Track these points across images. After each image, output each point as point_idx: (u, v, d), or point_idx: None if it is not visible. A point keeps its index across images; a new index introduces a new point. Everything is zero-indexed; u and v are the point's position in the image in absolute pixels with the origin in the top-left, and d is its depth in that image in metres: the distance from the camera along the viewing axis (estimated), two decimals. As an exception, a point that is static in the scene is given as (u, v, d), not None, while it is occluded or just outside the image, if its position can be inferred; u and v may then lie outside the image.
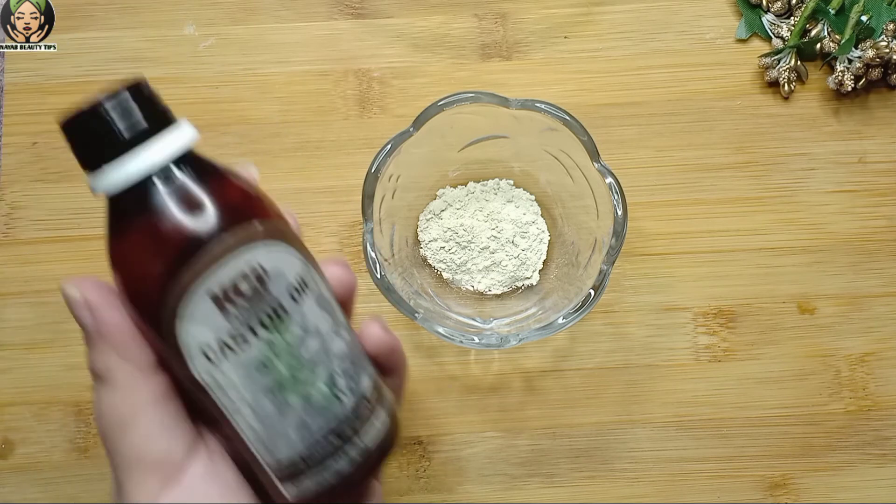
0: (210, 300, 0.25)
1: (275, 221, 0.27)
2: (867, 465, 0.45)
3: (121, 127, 0.25)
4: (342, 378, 0.27)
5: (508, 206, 0.45)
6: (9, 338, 0.45)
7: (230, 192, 0.26)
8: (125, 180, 0.25)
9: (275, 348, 0.26)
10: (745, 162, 0.47)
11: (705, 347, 0.46)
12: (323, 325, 0.27)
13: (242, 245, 0.25)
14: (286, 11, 0.49)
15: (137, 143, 0.25)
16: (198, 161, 0.26)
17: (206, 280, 0.25)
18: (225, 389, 0.26)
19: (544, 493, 0.44)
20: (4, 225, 0.46)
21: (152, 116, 0.25)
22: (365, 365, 0.29)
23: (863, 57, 0.46)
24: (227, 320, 0.25)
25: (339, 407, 0.27)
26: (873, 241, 0.47)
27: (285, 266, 0.26)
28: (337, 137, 0.48)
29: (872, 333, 0.46)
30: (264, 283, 0.26)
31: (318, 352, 0.27)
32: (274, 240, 0.26)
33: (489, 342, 0.39)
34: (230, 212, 0.25)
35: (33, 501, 0.44)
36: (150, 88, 0.26)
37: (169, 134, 0.25)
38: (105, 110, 0.25)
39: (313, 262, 0.28)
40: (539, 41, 0.49)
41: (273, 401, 0.26)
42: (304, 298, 0.27)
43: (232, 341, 0.25)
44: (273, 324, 0.26)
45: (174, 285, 0.25)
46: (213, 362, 0.25)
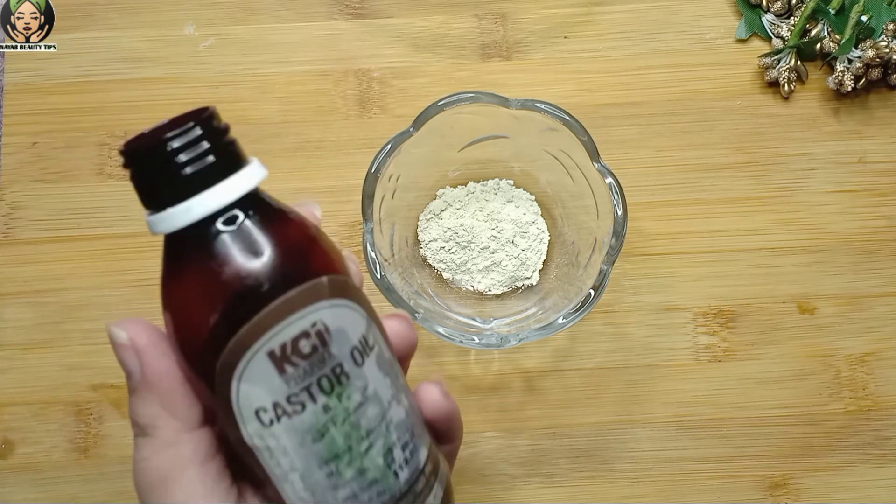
0: (269, 360, 0.23)
1: (342, 277, 0.25)
2: (867, 465, 0.45)
3: (185, 166, 0.22)
4: (400, 450, 0.25)
5: (508, 206, 0.45)
6: (9, 338, 0.45)
7: (298, 243, 0.24)
8: (184, 220, 0.23)
9: (332, 415, 0.24)
10: (745, 162, 0.47)
11: (705, 347, 0.46)
12: (383, 390, 0.25)
13: (308, 304, 0.23)
14: (286, 11, 0.49)
15: (203, 184, 0.23)
16: (266, 205, 0.24)
17: (267, 339, 0.23)
18: (275, 455, 0.24)
19: (544, 493, 0.44)
20: (4, 225, 0.46)
21: (221, 156, 0.23)
22: (423, 434, 0.27)
23: (863, 57, 0.46)
24: (286, 382, 0.23)
25: (394, 482, 0.25)
26: (873, 241, 0.47)
27: (349, 325, 0.24)
28: (337, 137, 0.48)
29: (872, 333, 0.46)
30: (327, 344, 0.24)
31: (377, 420, 0.25)
32: (340, 297, 0.24)
33: (489, 342, 0.39)
34: (298, 266, 0.23)
35: (33, 501, 0.44)
36: (219, 123, 0.24)
37: (237, 174, 0.23)
38: (172, 147, 0.22)
39: (376, 318, 0.26)
40: (539, 41, 0.49)
41: (326, 471, 0.24)
42: (366, 361, 0.25)
43: (288, 405, 0.23)
44: (333, 388, 0.24)
45: (232, 341, 0.23)
46: (266, 426, 0.23)
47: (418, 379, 0.45)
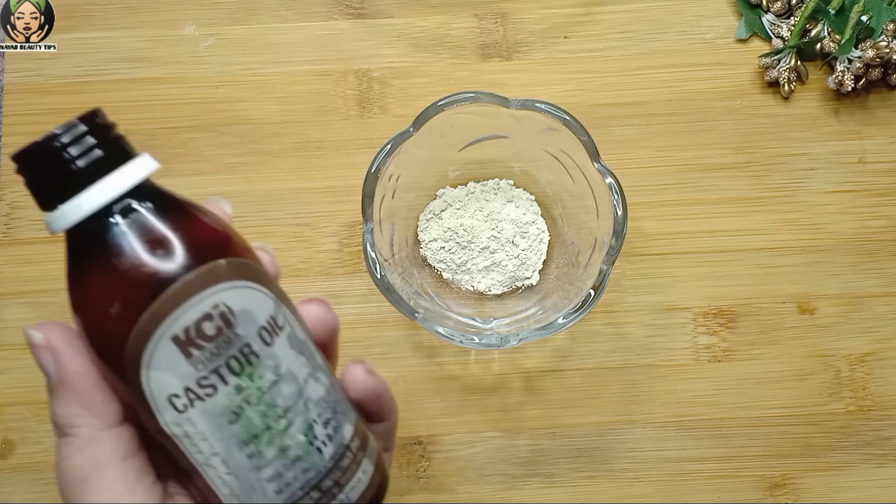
0: (174, 345, 0.23)
1: (243, 260, 0.25)
2: (867, 465, 0.45)
3: (72, 162, 0.23)
4: (321, 426, 0.25)
5: (508, 206, 0.45)
6: (9, 338, 0.45)
7: (193, 228, 0.24)
8: (77, 215, 0.23)
9: (246, 395, 0.24)
10: (745, 162, 0.47)
11: (705, 347, 0.46)
12: (298, 368, 0.25)
13: (207, 286, 0.23)
14: (286, 11, 0.49)
15: (91, 178, 0.23)
16: (160, 196, 0.25)
17: (169, 323, 0.23)
18: (195, 441, 0.24)
19: (544, 493, 0.44)
20: (4, 225, 0.46)
21: (107, 149, 0.24)
22: (347, 411, 0.27)
23: (863, 57, 0.46)
24: (194, 366, 0.23)
25: (318, 458, 0.25)
26: (873, 241, 0.47)
27: (254, 306, 0.24)
28: (337, 137, 0.48)
29: (872, 333, 0.46)
30: (231, 325, 0.24)
31: (294, 398, 0.25)
32: (241, 279, 0.24)
33: (489, 342, 0.39)
34: (193, 250, 0.24)
35: (33, 501, 0.44)
36: (104, 119, 0.24)
37: (125, 167, 0.24)
38: (56, 145, 0.23)
39: (287, 301, 0.27)
40: (539, 41, 0.49)
41: (246, 452, 0.24)
42: (276, 340, 0.25)
43: (200, 389, 0.23)
44: (242, 368, 0.24)
45: (135, 329, 0.23)
46: (181, 412, 0.24)
47: (418, 378, 0.46)
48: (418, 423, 0.45)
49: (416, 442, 0.45)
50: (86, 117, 0.24)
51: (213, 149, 0.47)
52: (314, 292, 0.46)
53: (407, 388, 0.45)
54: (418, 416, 0.45)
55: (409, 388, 0.45)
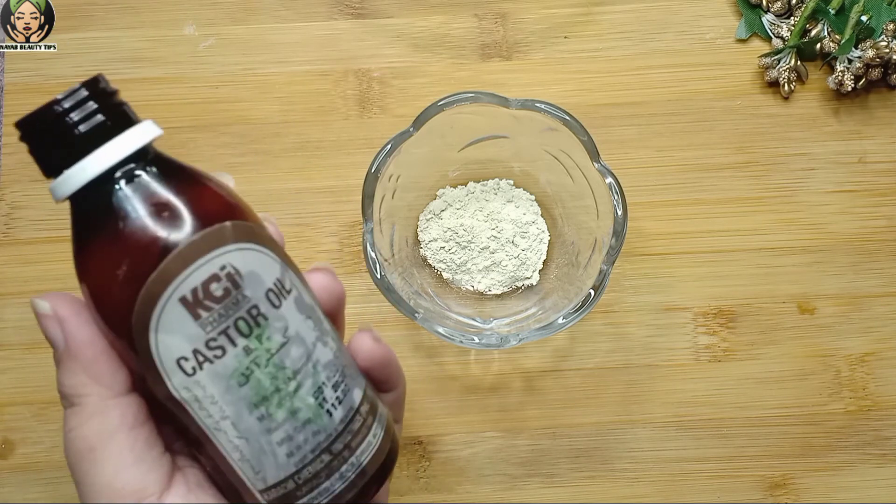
0: (182, 307, 0.23)
1: (248, 224, 0.25)
2: (867, 465, 0.45)
3: (74, 127, 0.23)
4: (330, 389, 0.25)
5: (508, 206, 0.45)
6: (9, 338, 0.45)
7: (199, 193, 0.24)
8: (81, 180, 0.23)
9: (254, 357, 0.24)
10: (745, 162, 0.47)
11: (705, 347, 0.46)
12: (306, 332, 0.25)
13: (214, 247, 0.23)
14: (286, 11, 0.49)
15: (94, 143, 0.23)
16: (164, 162, 0.25)
17: (177, 285, 0.23)
18: (205, 405, 0.24)
19: (544, 493, 0.44)
20: (4, 225, 0.46)
21: (109, 115, 0.24)
22: (356, 376, 0.27)
23: (863, 57, 0.46)
24: (202, 328, 0.23)
25: (328, 421, 0.25)
26: (873, 241, 0.47)
27: (261, 269, 0.24)
28: (337, 137, 0.48)
29: (872, 333, 0.46)
30: (238, 286, 0.24)
31: (303, 360, 0.25)
32: (248, 241, 0.24)
33: (489, 342, 0.39)
34: (199, 213, 0.24)
35: (33, 501, 0.44)
36: (106, 85, 0.24)
37: (128, 132, 0.24)
38: (58, 110, 0.23)
39: (294, 267, 0.27)
40: (539, 41, 0.49)
41: (256, 415, 0.24)
42: (283, 303, 0.25)
43: (208, 350, 0.23)
44: (251, 330, 0.24)
45: (143, 293, 0.23)
46: (190, 375, 0.24)
47: (418, 378, 0.46)
48: (418, 423, 0.45)
49: (416, 442, 0.45)
50: (88, 83, 0.24)
51: (213, 149, 0.47)
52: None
53: (407, 388, 0.45)
54: (418, 416, 0.45)
55: (409, 388, 0.45)
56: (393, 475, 0.44)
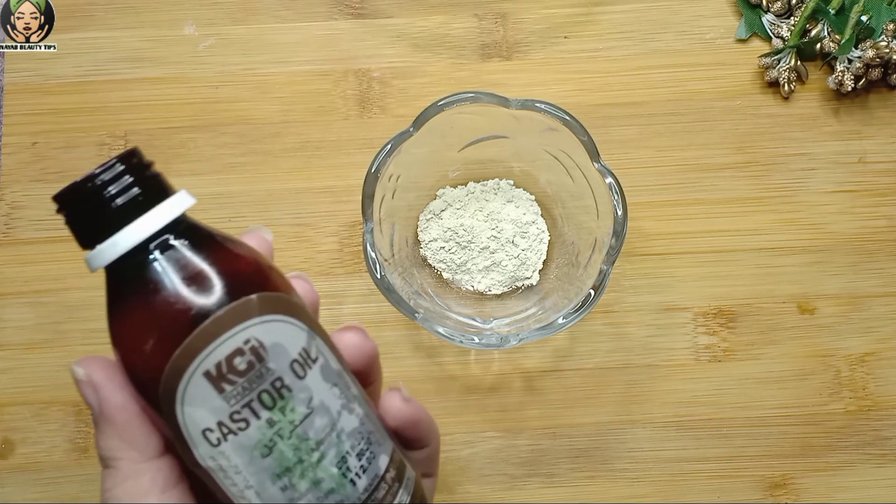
0: (206, 380, 0.24)
1: (275, 294, 0.25)
2: (867, 465, 0.45)
3: (109, 201, 0.24)
4: (355, 458, 0.26)
5: (508, 206, 0.45)
6: (9, 338, 0.45)
7: (226, 264, 0.25)
8: (114, 253, 0.24)
9: (278, 429, 0.24)
10: (745, 162, 0.47)
11: (705, 347, 0.46)
12: (332, 400, 0.25)
13: (238, 322, 0.24)
14: (286, 11, 0.49)
15: (127, 217, 0.24)
16: (195, 232, 0.25)
17: (201, 359, 0.23)
18: (230, 475, 0.24)
19: (544, 493, 0.44)
20: (4, 225, 0.46)
21: (143, 188, 0.24)
22: (383, 441, 0.27)
23: (863, 57, 0.46)
24: (226, 401, 0.24)
25: (352, 490, 0.25)
26: (873, 241, 0.47)
27: (286, 340, 0.25)
28: (337, 137, 0.48)
29: (872, 333, 0.46)
30: (263, 359, 0.24)
31: (327, 430, 0.25)
32: (273, 314, 0.25)
33: (489, 342, 0.39)
34: (225, 286, 0.24)
35: (33, 501, 0.44)
36: (140, 159, 0.25)
37: (161, 205, 0.24)
38: (94, 185, 0.24)
39: (321, 332, 0.27)
40: (539, 41, 0.49)
41: (280, 485, 0.24)
42: (308, 373, 0.25)
43: (232, 423, 0.24)
44: (275, 402, 0.24)
45: (169, 365, 0.23)
46: (215, 445, 0.24)
47: (418, 378, 0.46)
48: (418, 423, 0.45)
49: (416, 442, 0.45)
50: (124, 157, 0.24)
51: (213, 149, 0.47)
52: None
53: (407, 388, 0.45)
54: (418, 416, 0.45)
55: (409, 388, 0.45)
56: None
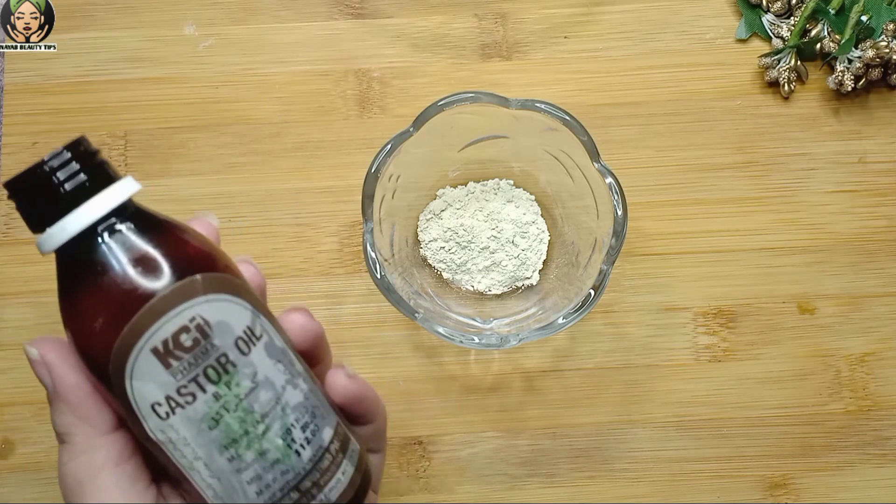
0: (154, 356, 0.25)
1: (219, 274, 0.26)
2: (867, 465, 0.45)
3: (57, 187, 0.25)
4: (299, 430, 0.27)
5: (508, 206, 0.45)
6: (9, 338, 0.45)
7: (171, 246, 0.26)
8: (63, 237, 0.25)
9: (223, 402, 0.25)
10: (745, 162, 0.47)
11: (705, 347, 0.46)
12: (276, 376, 0.27)
13: (183, 300, 0.25)
14: (286, 11, 0.49)
15: (75, 201, 0.25)
16: (141, 216, 0.26)
17: (148, 337, 0.24)
18: (179, 447, 0.26)
19: (544, 493, 0.44)
20: (4, 225, 0.46)
21: (90, 174, 0.25)
22: (327, 415, 0.28)
23: (863, 57, 0.46)
24: (173, 375, 0.25)
25: (297, 461, 0.26)
26: (873, 241, 0.47)
27: (231, 318, 0.26)
28: (337, 137, 0.48)
29: (872, 333, 0.46)
30: (208, 336, 0.25)
31: (271, 404, 0.26)
32: (217, 293, 0.26)
33: (489, 342, 0.39)
34: (170, 267, 0.25)
35: (33, 501, 0.44)
36: (87, 146, 0.26)
37: (107, 190, 0.25)
38: (43, 171, 0.25)
39: (266, 311, 0.28)
40: (539, 41, 0.49)
41: (227, 456, 0.26)
42: (253, 349, 0.26)
43: (180, 397, 0.25)
44: (220, 377, 0.25)
45: (118, 343, 0.24)
46: (164, 419, 0.25)
47: (418, 378, 0.46)
48: (418, 423, 0.45)
49: (416, 442, 0.45)
50: (71, 145, 0.25)
51: (213, 149, 0.47)
52: (314, 292, 0.46)
53: (407, 388, 0.45)
54: (418, 416, 0.45)
55: (409, 388, 0.45)
56: (393, 475, 0.44)
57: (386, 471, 0.44)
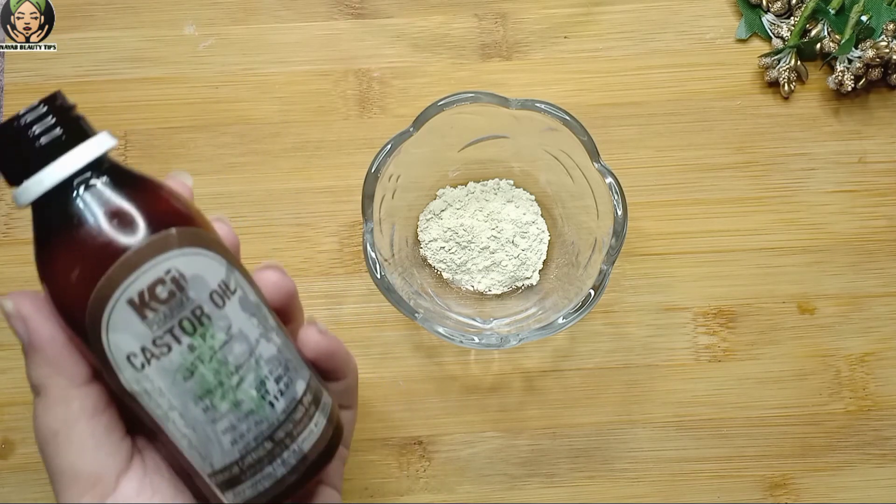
0: (130, 308, 0.25)
1: (194, 229, 0.27)
2: (867, 465, 0.45)
3: (33, 141, 0.25)
4: (273, 382, 0.27)
5: (508, 206, 0.45)
6: (9, 338, 0.45)
7: (148, 201, 0.26)
8: (39, 189, 0.25)
9: (198, 353, 0.26)
10: (745, 162, 0.47)
11: (705, 347, 0.46)
12: (250, 329, 0.27)
13: (158, 252, 0.25)
14: (286, 11, 0.49)
15: (51, 155, 0.25)
16: (118, 172, 0.26)
17: (124, 288, 0.25)
18: (154, 397, 0.26)
19: (544, 493, 0.44)
20: (4, 225, 0.46)
21: (65, 129, 0.25)
22: (299, 369, 0.29)
23: (863, 57, 0.46)
24: (148, 327, 0.25)
25: (270, 411, 0.27)
26: (873, 241, 0.47)
27: (205, 272, 0.26)
28: (337, 137, 0.48)
29: (872, 333, 0.46)
30: (183, 288, 0.26)
31: (245, 356, 0.27)
32: (192, 246, 0.26)
33: (489, 342, 0.39)
34: (146, 220, 0.26)
35: (33, 501, 0.44)
36: (64, 101, 0.26)
37: (83, 145, 0.26)
38: (19, 125, 0.25)
39: (241, 268, 0.28)
40: (539, 41, 0.49)
41: (202, 407, 0.26)
42: (227, 303, 0.27)
43: (155, 348, 0.25)
44: (195, 328, 0.26)
45: (94, 295, 0.25)
46: (140, 370, 0.26)
47: (418, 378, 0.46)
48: (418, 423, 0.45)
49: (416, 442, 0.45)
50: (47, 99, 0.26)
51: (213, 149, 0.47)
52: (314, 292, 0.46)
53: (407, 388, 0.45)
54: (418, 416, 0.45)
55: (409, 388, 0.45)
56: (393, 475, 0.44)
57: (386, 471, 0.44)
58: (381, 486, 0.44)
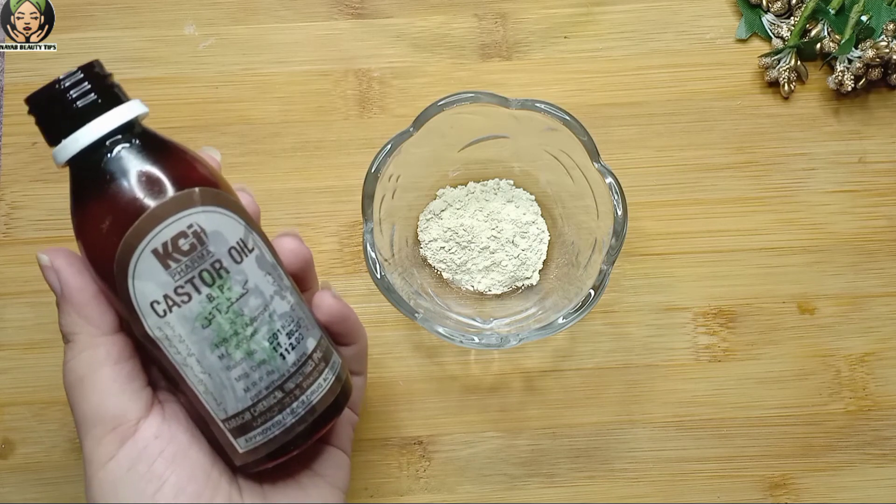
0: (154, 258, 0.27)
1: (216, 190, 0.29)
2: (867, 465, 0.45)
3: (71, 103, 0.28)
4: (285, 336, 0.29)
5: (508, 206, 0.45)
6: (9, 338, 0.45)
7: (174, 163, 0.29)
8: (76, 147, 0.28)
9: (216, 303, 0.28)
10: (745, 162, 0.47)
11: (705, 347, 0.46)
12: (265, 286, 0.29)
13: (182, 208, 0.28)
14: (286, 11, 0.49)
15: (87, 117, 0.28)
16: (149, 136, 0.29)
17: (150, 239, 0.27)
18: (174, 343, 0.28)
19: (544, 493, 0.44)
20: (4, 225, 0.46)
21: (101, 94, 0.28)
22: (311, 328, 0.31)
23: (863, 57, 0.46)
24: (171, 276, 0.27)
25: (281, 363, 0.29)
26: (873, 241, 0.47)
27: (225, 229, 0.29)
28: (337, 137, 0.48)
29: (872, 333, 0.46)
30: (203, 242, 0.28)
31: (260, 309, 0.29)
32: (214, 206, 0.28)
33: (489, 342, 0.39)
34: (172, 179, 0.28)
35: (33, 501, 0.44)
36: (101, 69, 0.29)
37: (117, 109, 0.28)
38: (59, 88, 0.28)
39: (259, 231, 0.31)
40: (539, 41, 0.49)
41: (217, 354, 0.28)
42: (245, 259, 0.29)
43: (176, 296, 0.28)
44: (214, 280, 0.28)
45: (122, 245, 0.27)
46: (162, 317, 0.28)
47: (418, 378, 0.46)
48: (418, 423, 0.45)
49: (416, 442, 0.45)
50: (85, 66, 0.28)
51: (213, 149, 0.47)
52: (314, 292, 0.46)
53: (407, 388, 0.45)
54: (418, 416, 0.45)
55: (409, 388, 0.45)
56: (393, 475, 0.44)
57: (386, 471, 0.44)
58: (381, 486, 0.44)
